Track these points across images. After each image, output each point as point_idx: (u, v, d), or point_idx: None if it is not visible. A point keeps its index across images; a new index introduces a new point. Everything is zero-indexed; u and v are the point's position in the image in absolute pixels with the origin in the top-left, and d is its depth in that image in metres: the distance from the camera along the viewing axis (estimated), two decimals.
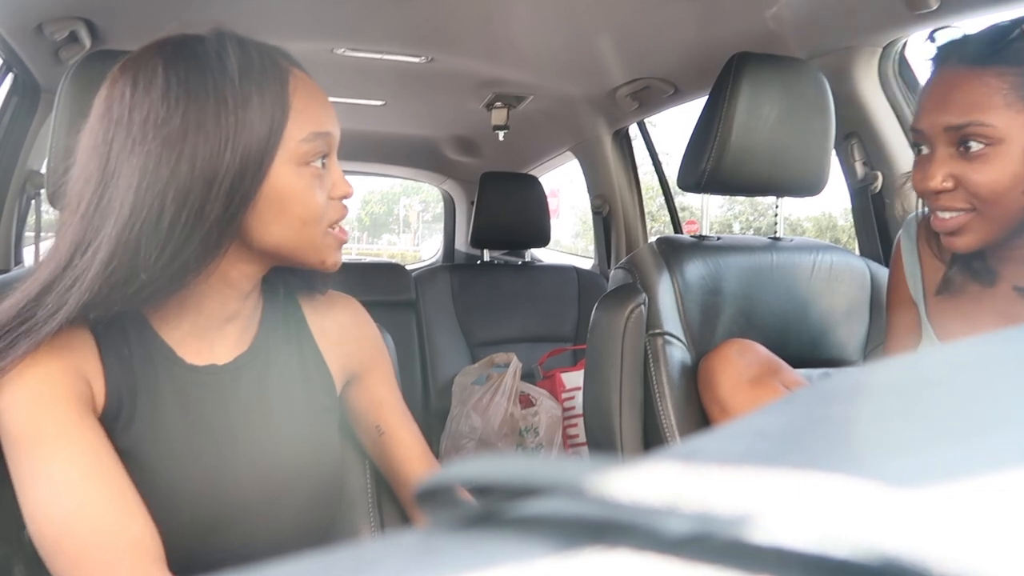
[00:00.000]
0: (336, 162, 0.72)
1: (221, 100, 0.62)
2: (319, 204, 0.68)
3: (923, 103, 0.86)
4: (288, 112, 0.66)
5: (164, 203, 0.61)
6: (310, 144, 0.67)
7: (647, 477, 0.13)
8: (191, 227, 0.62)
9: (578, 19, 1.51)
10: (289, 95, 0.66)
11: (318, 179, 0.68)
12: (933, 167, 0.84)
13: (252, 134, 0.63)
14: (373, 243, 28.32)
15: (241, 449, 0.71)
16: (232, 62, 0.64)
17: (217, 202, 0.62)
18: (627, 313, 1.18)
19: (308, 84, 0.70)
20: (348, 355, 0.83)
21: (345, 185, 0.72)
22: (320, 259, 0.71)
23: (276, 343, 0.77)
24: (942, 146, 0.84)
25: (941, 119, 0.83)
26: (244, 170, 0.63)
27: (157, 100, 0.62)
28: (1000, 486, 0.12)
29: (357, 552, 0.14)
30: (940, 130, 0.83)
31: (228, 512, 0.69)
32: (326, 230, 0.70)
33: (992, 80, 0.80)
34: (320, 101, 0.70)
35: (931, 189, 0.85)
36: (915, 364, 0.22)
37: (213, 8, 1.40)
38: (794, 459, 0.15)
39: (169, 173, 0.61)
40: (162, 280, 0.62)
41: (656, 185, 2.53)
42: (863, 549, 0.11)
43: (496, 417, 2.03)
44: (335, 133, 0.71)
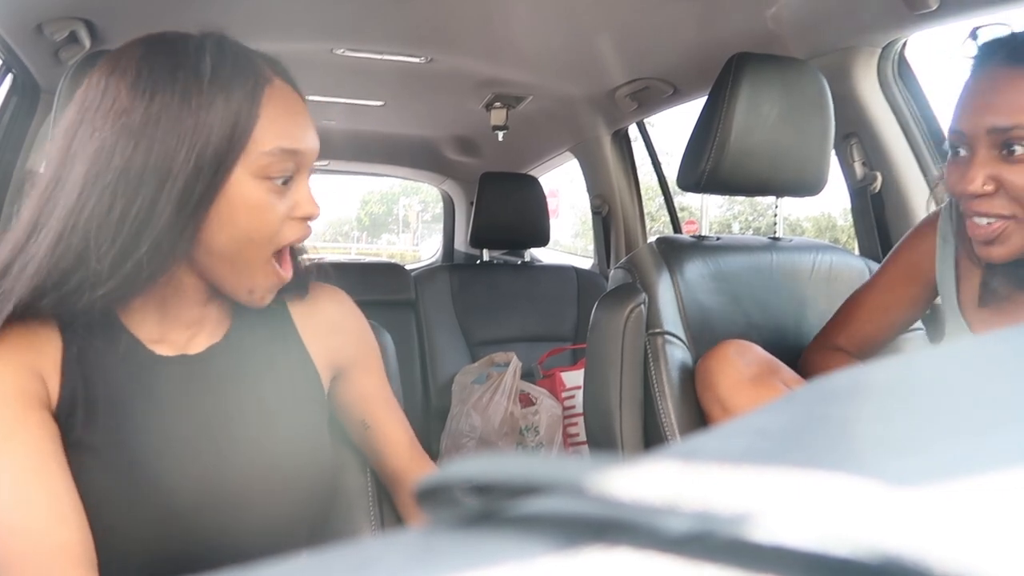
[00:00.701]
0: (306, 180, 0.70)
1: (186, 98, 0.61)
2: (271, 220, 0.66)
3: (965, 103, 0.83)
4: (255, 121, 0.64)
5: (115, 193, 0.60)
6: (273, 158, 0.65)
7: (647, 476, 0.13)
8: (140, 224, 0.61)
9: (578, 19, 1.51)
10: (260, 104, 0.64)
11: (277, 195, 0.66)
12: (973, 169, 0.81)
13: (211, 137, 0.62)
14: (372, 243, 28.31)
15: (215, 438, 0.70)
16: (206, 62, 0.63)
17: (169, 203, 0.61)
18: (627, 313, 1.18)
19: (288, 97, 0.68)
20: (335, 349, 0.82)
21: (310, 206, 0.69)
22: (248, 286, 0.69)
23: (253, 335, 0.76)
24: (983, 148, 0.81)
25: (985, 120, 0.80)
26: (198, 172, 0.61)
27: (124, 90, 0.62)
28: (1001, 486, 0.12)
29: (357, 551, 0.14)
30: (983, 132, 0.80)
31: (204, 502, 0.68)
32: (268, 258, 0.68)
33: None
34: (296, 116, 0.68)
35: (971, 192, 0.82)
36: (915, 364, 0.22)
37: (213, 9, 1.40)
38: (795, 458, 0.15)
39: (123, 164, 0.60)
40: (117, 279, 0.62)
41: (655, 185, 2.53)
42: (864, 548, 0.11)
43: (496, 416, 2.03)
44: (307, 151, 0.68)
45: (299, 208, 0.68)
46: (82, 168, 0.61)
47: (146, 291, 0.67)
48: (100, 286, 0.61)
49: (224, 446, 0.71)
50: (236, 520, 0.71)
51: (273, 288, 0.71)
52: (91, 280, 0.61)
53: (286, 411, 0.75)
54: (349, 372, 0.84)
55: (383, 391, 0.88)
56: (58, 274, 0.61)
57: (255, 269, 0.68)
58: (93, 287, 0.61)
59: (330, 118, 2.53)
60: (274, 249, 0.68)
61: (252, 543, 0.71)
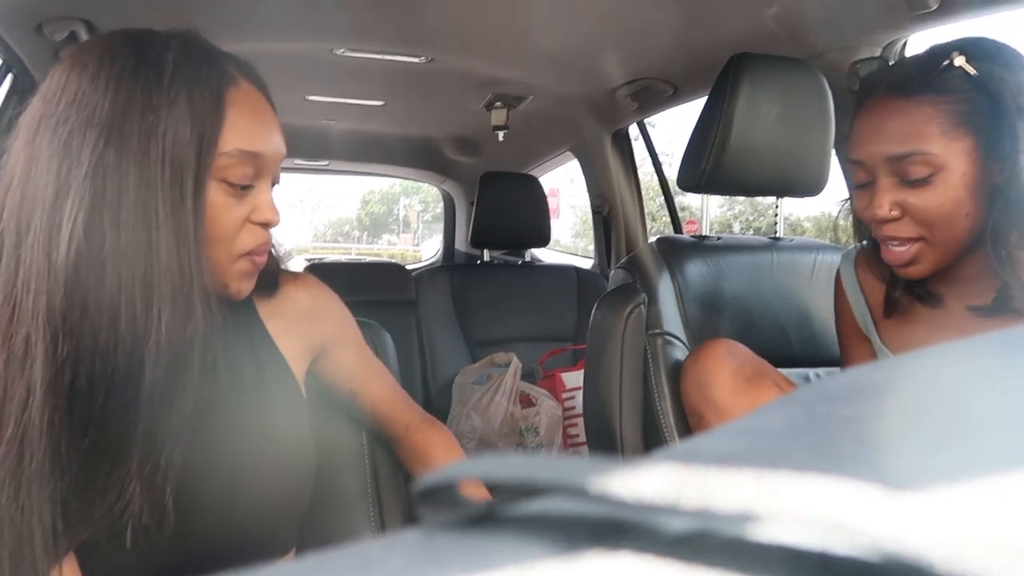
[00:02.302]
0: (268, 186, 0.69)
1: (147, 93, 0.60)
2: (229, 224, 0.65)
3: (859, 134, 0.87)
4: (220, 122, 0.63)
5: (94, 191, 0.59)
6: (232, 160, 0.64)
7: (648, 475, 0.13)
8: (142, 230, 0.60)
9: (578, 19, 1.51)
10: (224, 104, 0.64)
11: (234, 197, 0.65)
12: (879, 197, 0.85)
13: (179, 136, 0.61)
14: (373, 243, 28.32)
15: (194, 440, 0.69)
16: (168, 59, 0.62)
17: (162, 209, 0.60)
18: (627, 313, 1.18)
19: (253, 99, 0.67)
20: (306, 334, 0.82)
21: (269, 212, 0.68)
22: (223, 283, 0.68)
23: (222, 333, 0.76)
24: (884, 176, 0.85)
25: (881, 149, 0.84)
26: (178, 178, 0.60)
27: (86, 83, 0.61)
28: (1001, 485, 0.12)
29: (357, 552, 0.14)
30: (881, 160, 0.84)
31: (184, 502, 0.68)
32: (235, 256, 0.67)
33: (927, 109, 0.81)
34: (260, 119, 0.67)
35: (879, 218, 0.86)
36: (915, 364, 0.22)
37: (213, 9, 1.40)
38: (795, 458, 0.15)
39: (95, 158, 0.59)
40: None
41: (656, 185, 2.53)
42: (865, 547, 0.11)
43: (496, 417, 2.03)
44: (270, 155, 0.67)
45: (258, 213, 0.67)
46: (51, 163, 0.59)
47: None
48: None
49: (201, 446, 0.70)
50: (216, 519, 0.71)
51: (247, 278, 0.70)
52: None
53: (261, 407, 0.76)
54: (328, 350, 0.85)
55: (364, 358, 0.90)
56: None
57: (223, 268, 0.67)
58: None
59: (330, 118, 2.53)
60: (236, 255, 0.67)
61: (234, 542, 0.71)
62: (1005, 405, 0.17)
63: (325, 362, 0.86)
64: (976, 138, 0.80)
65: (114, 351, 0.59)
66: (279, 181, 0.72)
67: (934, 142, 0.81)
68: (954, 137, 0.81)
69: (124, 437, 0.61)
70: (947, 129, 0.81)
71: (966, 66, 0.80)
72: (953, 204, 0.82)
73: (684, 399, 1.10)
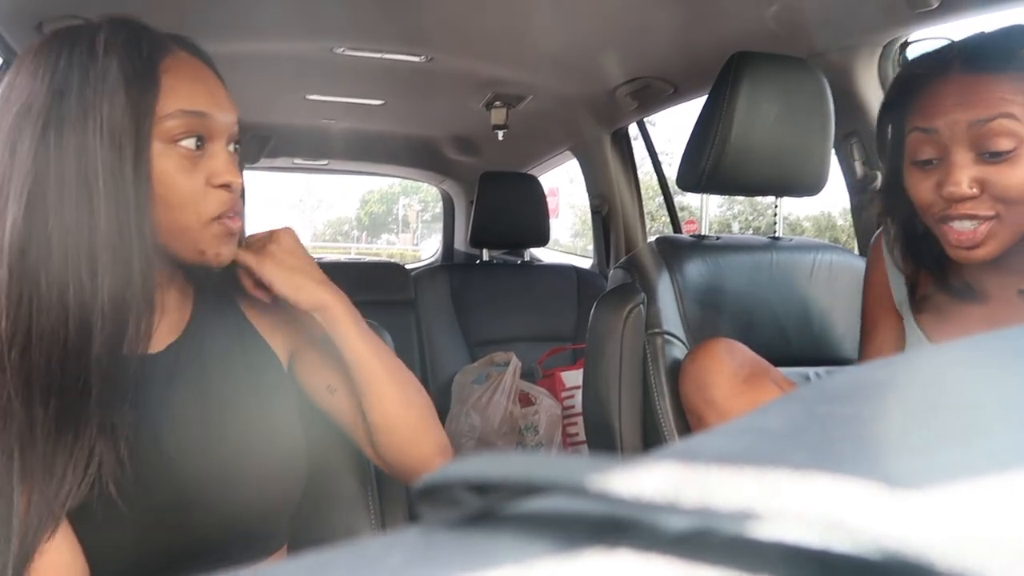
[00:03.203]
0: (223, 148, 0.69)
1: (83, 74, 0.62)
2: (186, 188, 0.66)
3: (933, 104, 0.82)
4: (156, 88, 0.64)
5: (37, 183, 0.61)
6: (175, 121, 0.65)
7: (648, 474, 0.13)
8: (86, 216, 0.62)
9: (578, 18, 1.51)
10: (158, 71, 0.65)
11: (188, 160, 0.66)
12: (956, 173, 0.80)
13: (115, 107, 0.62)
14: (372, 243, 28.32)
15: (183, 434, 0.71)
16: (99, 39, 0.64)
17: (105, 187, 0.62)
18: (626, 312, 1.18)
19: (191, 65, 0.68)
20: (286, 329, 0.83)
21: (227, 173, 0.68)
22: (199, 249, 0.68)
23: (211, 328, 0.77)
24: (961, 150, 0.80)
25: (963, 116, 0.79)
26: (117, 148, 0.62)
27: (26, 80, 0.63)
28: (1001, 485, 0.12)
29: (357, 550, 0.14)
30: (962, 128, 0.80)
31: (177, 498, 0.69)
32: (206, 221, 0.67)
33: (1007, 84, 0.78)
34: (198, 81, 0.68)
35: (957, 196, 0.80)
36: (916, 363, 0.22)
37: (213, 8, 1.40)
38: (796, 458, 0.15)
39: (36, 147, 0.61)
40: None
41: (655, 184, 2.53)
42: (865, 546, 0.11)
43: (496, 416, 2.03)
44: (217, 116, 0.68)
45: (215, 177, 0.67)
46: (2, 155, 0.62)
47: None
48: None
49: (194, 440, 0.71)
50: (211, 515, 0.71)
51: (223, 243, 0.70)
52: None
53: (252, 400, 0.76)
54: (308, 347, 0.84)
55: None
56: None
57: (195, 235, 0.68)
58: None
59: (330, 117, 2.53)
60: (205, 219, 0.68)
61: (231, 533, 0.72)
62: (1006, 405, 0.17)
63: (303, 360, 0.85)
64: None
65: (64, 324, 0.61)
66: (237, 144, 0.72)
67: (1019, 111, 0.77)
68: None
69: (83, 404, 0.62)
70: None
71: None
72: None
73: (683, 398, 1.10)
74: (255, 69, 1.80)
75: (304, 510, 0.81)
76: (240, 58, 1.67)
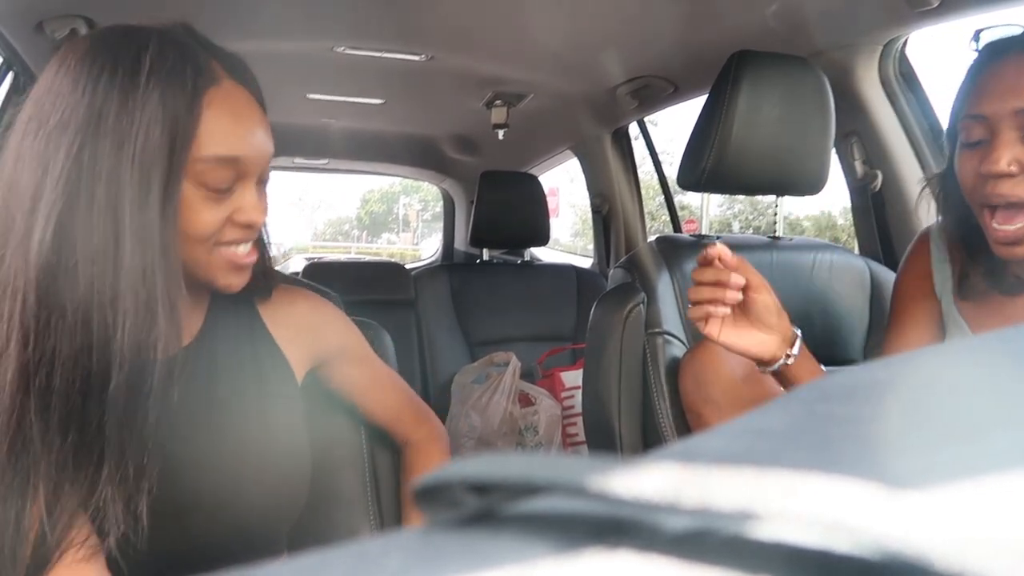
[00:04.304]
0: (252, 186, 0.67)
1: (123, 97, 0.60)
2: (206, 222, 0.65)
3: (984, 89, 0.84)
4: (195, 124, 0.62)
5: (68, 193, 0.59)
6: (208, 166, 0.63)
7: (648, 474, 0.13)
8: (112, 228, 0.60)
9: (578, 17, 1.51)
10: (200, 105, 0.62)
11: (214, 201, 0.65)
12: (998, 151, 0.82)
13: (150, 139, 0.60)
14: (372, 242, 28.31)
15: (188, 438, 0.71)
16: (145, 60, 0.61)
17: (131, 208, 0.60)
18: (626, 312, 1.18)
19: (235, 99, 0.66)
20: (309, 345, 0.83)
21: (253, 213, 0.67)
22: (208, 278, 0.68)
23: (224, 335, 0.77)
24: (1007, 130, 0.82)
25: (1010, 104, 0.81)
26: (146, 178, 0.60)
27: (68, 87, 0.60)
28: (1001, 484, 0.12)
29: (357, 551, 0.14)
30: (1010, 113, 0.81)
31: (183, 501, 0.69)
32: (213, 248, 0.66)
33: None
34: (241, 121, 0.66)
35: (996, 172, 0.82)
36: (916, 363, 0.22)
37: (213, 7, 1.40)
38: (796, 458, 0.15)
39: (69, 163, 0.59)
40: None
41: (656, 184, 2.53)
42: (865, 546, 0.11)
43: (495, 416, 2.03)
44: (251, 158, 0.66)
45: (240, 214, 0.67)
46: (32, 168, 0.59)
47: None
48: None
49: (201, 446, 0.71)
50: (218, 519, 0.71)
51: (234, 273, 0.69)
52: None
53: (262, 408, 0.76)
54: (331, 363, 0.86)
55: (367, 371, 0.91)
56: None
57: (203, 263, 0.67)
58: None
59: (330, 116, 2.52)
60: (215, 244, 0.67)
61: (233, 540, 0.72)
62: (1005, 405, 0.17)
63: (327, 372, 0.87)
64: None
65: (88, 354, 0.59)
66: (267, 179, 0.71)
67: None
68: None
69: (100, 441, 0.61)
70: None
71: None
72: None
73: (682, 397, 1.10)
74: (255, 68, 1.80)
75: (304, 510, 0.82)
76: None
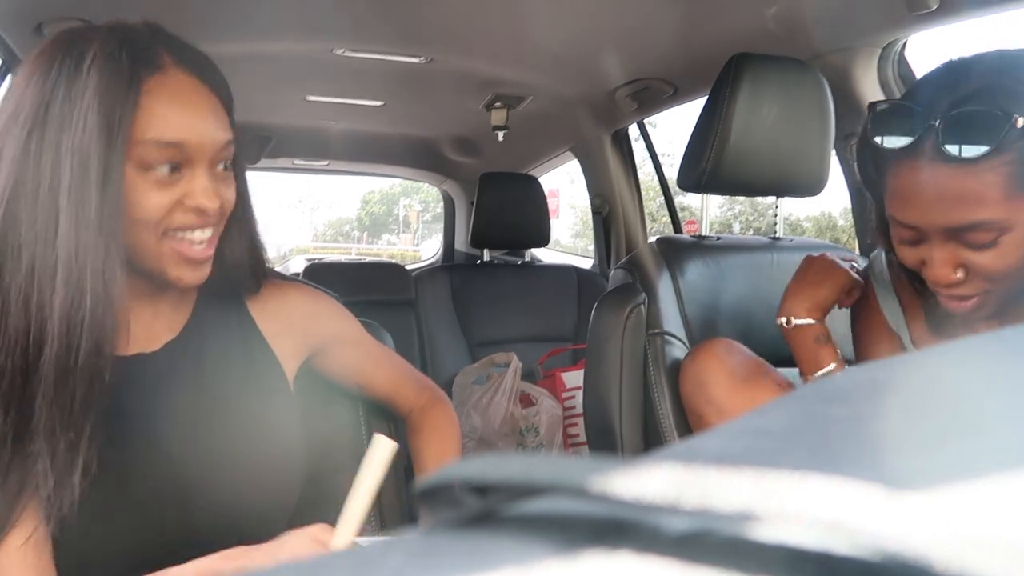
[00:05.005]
0: (203, 171, 0.67)
1: (68, 88, 0.62)
2: (151, 206, 0.65)
3: (907, 198, 0.79)
4: (132, 110, 0.63)
5: (15, 189, 0.61)
6: (148, 149, 0.63)
7: (649, 475, 0.13)
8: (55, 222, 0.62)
9: (578, 19, 1.51)
10: (140, 92, 0.63)
11: (160, 185, 0.65)
12: (938, 266, 0.79)
13: (87, 127, 0.61)
14: (373, 243, 28.31)
15: (178, 432, 0.71)
16: (90, 52, 0.63)
17: (73, 201, 0.61)
18: (627, 313, 1.18)
19: (179, 86, 0.66)
20: (300, 336, 0.84)
21: (203, 198, 0.66)
22: (159, 269, 0.68)
23: (212, 329, 0.77)
24: (941, 242, 0.79)
25: (940, 220, 0.77)
26: (84, 167, 0.61)
27: (21, 87, 0.63)
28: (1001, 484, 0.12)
29: (357, 552, 0.14)
30: (938, 230, 0.78)
31: (173, 495, 0.69)
32: (161, 237, 0.66)
33: (988, 176, 0.73)
34: (181, 106, 0.65)
35: (943, 283, 0.80)
36: (916, 363, 0.22)
37: (213, 9, 1.40)
38: (796, 458, 0.15)
39: (18, 156, 0.61)
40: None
41: (656, 185, 2.53)
42: (865, 547, 0.11)
43: (496, 417, 2.03)
44: (196, 143, 0.66)
45: (190, 199, 0.66)
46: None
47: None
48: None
49: (188, 440, 0.71)
50: (206, 515, 0.71)
51: (183, 266, 0.68)
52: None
53: (248, 403, 0.77)
54: (327, 351, 0.87)
55: (365, 353, 0.92)
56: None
57: (154, 253, 0.67)
58: None
59: (330, 118, 2.53)
60: (159, 234, 0.66)
61: (225, 537, 0.72)
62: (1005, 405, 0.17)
63: (323, 360, 0.87)
64: None
65: (26, 333, 0.61)
66: (230, 166, 0.71)
67: (998, 208, 0.74)
68: (1019, 197, 0.73)
69: (35, 419, 0.62)
70: (1011, 192, 0.73)
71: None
72: (1021, 259, 0.76)
73: (683, 399, 1.10)
74: (255, 70, 1.80)
75: (303, 510, 0.82)
76: (240, 59, 1.67)
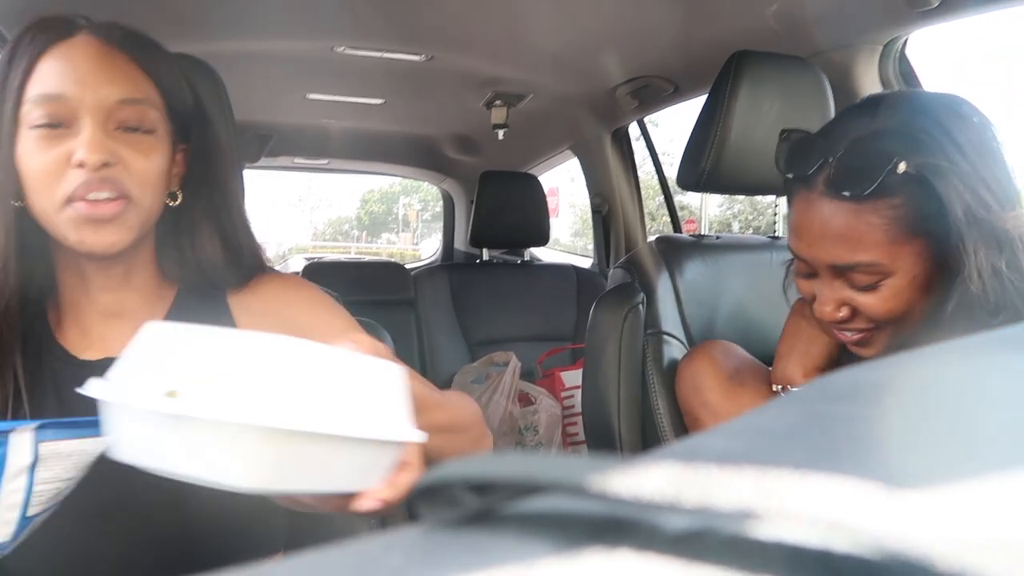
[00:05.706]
0: (91, 126, 0.64)
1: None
2: (38, 165, 0.64)
3: (798, 230, 0.81)
4: (27, 76, 0.64)
5: None
6: (31, 105, 0.64)
7: (649, 474, 0.13)
8: None
9: (578, 17, 1.51)
10: (39, 59, 0.65)
11: (46, 141, 0.64)
12: (823, 303, 0.81)
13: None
14: (372, 242, 28.31)
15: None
16: (24, 32, 0.66)
17: None
18: (625, 312, 1.18)
19: (76, 47, 0.67)
20: (275, 326, 0.80)
21: (83, 151, 0.63)
22: (63, 235, 0.66)
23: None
24: (828, 278, 0.80)
25: (825, 256, 0.78)
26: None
27: None
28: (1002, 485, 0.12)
29: (357, 551, 0.14)
30: (824, 265, 0.79)
31: (143, 498, 0.68)
32: (59, 204, 0.64)
33: (871, 217, 0.74)
34: (70, 63, 0.65)
35: (826, 320, 0.81)
36: (915, 363, 0.22)
37: (213, 8, 1.40)
38: (796, 458, 0.15)
39: None
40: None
41: (656, 184, 2.53)
42: (866, 545, 0.11)
43: (495, 416, 2.03)
44: (77, 96, 0.64)
45: (72, 154, 0.65)
46: None
47: (59, 285, 0.68)
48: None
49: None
50: (201, 513, 0.70)
51: (86, 228, 0.66)
52: None
53: None
54: (310, 337, 0.84)
55: (349, 339, 0.89)
56: None
57: (54, 219, 0.65)
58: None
59: (330, 117, 2.52)
60: (58, 202, 0.65)
61: (221, 536, 0.72)
62: (1005, 404, 0.17)
63: None
64: (925, 239, 0.75)
65: None
66: (138, 128, 0.68)
67: (880, 251, 0.75)
68: (902, 243, 0.75)
69: None
70: (894, 236, 0.74)
71: (910, 170, 0.72)
72: (905, 304, 0.77)
73: (679, 401, 1.10)
74: (256, 68, 1.80)
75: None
76: (241, 57, 1.67)
